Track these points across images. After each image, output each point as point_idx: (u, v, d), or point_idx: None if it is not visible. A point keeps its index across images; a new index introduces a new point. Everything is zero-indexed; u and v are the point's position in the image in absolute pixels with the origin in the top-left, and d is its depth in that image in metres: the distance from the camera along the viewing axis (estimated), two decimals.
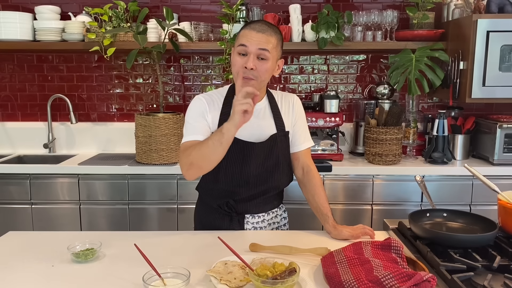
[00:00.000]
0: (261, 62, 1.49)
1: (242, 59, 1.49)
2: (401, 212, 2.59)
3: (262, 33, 1.48)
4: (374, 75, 3.14)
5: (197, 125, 1.57)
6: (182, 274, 1.16)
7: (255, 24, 1.51)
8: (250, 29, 1.50)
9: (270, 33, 1.50)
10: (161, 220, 2.64)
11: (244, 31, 1.51)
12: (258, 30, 1.49)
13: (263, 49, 1.47)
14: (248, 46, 1.47)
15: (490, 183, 1.48)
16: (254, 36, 1.48)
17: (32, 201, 2.64)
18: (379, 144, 2.66)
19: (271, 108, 1.66)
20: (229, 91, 1.64)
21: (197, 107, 1.60)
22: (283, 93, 1.74)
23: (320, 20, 2.71)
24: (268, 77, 1.55)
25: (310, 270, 1.28)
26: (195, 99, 1.63)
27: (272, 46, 1.49)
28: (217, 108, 1.60)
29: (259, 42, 1.47)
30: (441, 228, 1.47)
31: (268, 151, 1.61)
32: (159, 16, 2.94)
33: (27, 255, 1.40)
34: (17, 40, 2.79)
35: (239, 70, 1.50)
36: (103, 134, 3.15)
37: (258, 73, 1.49)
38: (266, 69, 1.50)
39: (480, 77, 2.54)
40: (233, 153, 1.55)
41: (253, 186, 1.62)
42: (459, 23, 2.66)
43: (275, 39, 1.51)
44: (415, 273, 1.06)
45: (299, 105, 1.73)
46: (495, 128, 2.66)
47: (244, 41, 1.48)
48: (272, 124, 1.64)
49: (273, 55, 1.51)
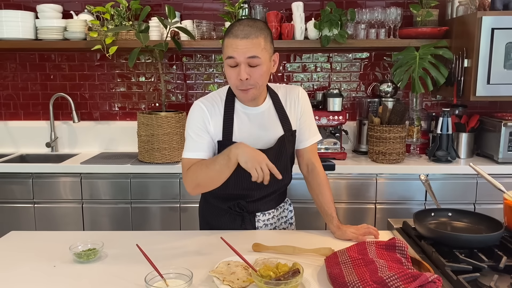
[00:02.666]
0: (254, 69, 1.43)
1: (235, 71, 1.43)
2: (404, 211, 2.58)
3: (247, 39, 1.39)
4: (377, 73, 3.12)
5: (199, 141, 1.53)
6: (184, 274, 1.15)
7: (237, 30, 1.41)
8: (234, 37, 1.41)
9: (255, 35, 1.40)
10: (163, 219, 2.64)
11: (228, 41, 1.43)
12: (242, 37, 1.39)
13: (252, 57, 1.40)
14: (236, 57, 1.41)
15: (496, 182, 1.46)
16: (240, 45, 1.39)
17: (34, 200, 2.64)
18: (383, 142, 2.64)
19: (275, 108, 1.60)
20: (228, 92, 1.58)
21: (198, 117, 1.54)
22: (287, 87, 1.67)
23: (323, 18, 2.69)
24: (267, 79, 1.51)
25: (313, 271, 1.27)
26: (195, 106, 1.56)
27: (261, 49, 1.41)
28: (218, 113, 1.55)
29: (246, 50, 1.39)
30: (446, 228, 1.45)
31: (278, 154, 1.57)
32: (161, 14, 2.93)
33: (29, 255, 1.39)
34: (19, 39, 2.78)
35: (235, 83, 1.46)
36: (106, 133, 3.14)
37: (254, 81, 1.44)
38: (261, 74, 1.44)
39: (484, 74, 2.52)
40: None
41: (264, 188, 1.57)
42: (464, 21, 2.64)
43: (262, 39, 1.42)
44: (421, 274, 1.05)
45: (304, 97, 1.65)
46: (500, 126, 2.64)
47: (231, 53, 1.41)
48: (278, 125, 1.59)
49: (265, 57, 1.43)
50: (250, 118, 1.57)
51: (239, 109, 1.57)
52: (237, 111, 1.56)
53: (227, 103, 1.56)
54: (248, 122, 1.56)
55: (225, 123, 1.54)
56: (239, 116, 1.56)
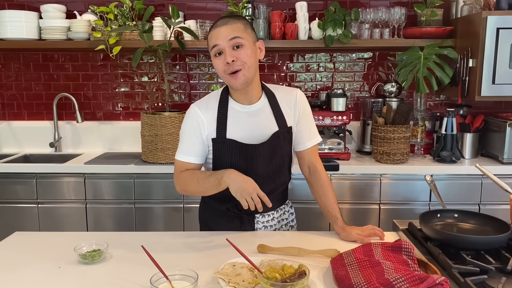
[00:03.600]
0: (239, 50, 1.47)
1: (221, 58, 1.48)
2: (409, 212, 2.57)
3: (226, 25, 1.48)
4: (381, 73, 3.11)
5: (190, 145, 1.57)
6: (189, 276, 1.15)
7: (217, 22, 1.51)
8: (214, 27, 1.50)
9: (233, 21, 1.49)
10: (167, 219, 2.63)
11: (211, 33, 1.51)
12: (221, 25, 1.48)
13: (234, 38, 1.46)
14: (219, 44, 1.47)
15: (503, 183, 1.46)
16: (221, 31, 1.47)
17: (38, 200, 2.64)
18: (387, 142, 2.63)
19: (270, 105, 1.60)
20: (223, 91, 1.61)
21: (192, 118, 1.58)
22: (285, 88, 1.68)
23: (327, 18, 2.68)
24: (255, 62, 1.52)
25: (319, 272, 1.26)
26: (190, 110, 1.60)
27: (241, 31, 1.48)
28: (212, 112, 1.57)
29: (227, 34, 1.46)
30: (452, 229, 1.44)
31: (273, 150, 1.57)
32: (164, 14, 2.92)
33: (34, 256, 1.39)
34: (23, 39, 2.78)
35: (223, 69, 1.49)
36: (109, 133, 3.14)
37: (241, 61, 1.47)
38: (247, 54, 1.47)
39: (489, 74, 2.51)
40: (237, 158, 1.54)
41: (261, 186, 1.58)
42: (468, 20, 2.62)
43: (241, 24, 1.49)
44: (428, 276, 1.04)
45: (302, 100, 1.65)
46: (505, 126, 2.63)
47: (214, 41, 1.48)
48: (272, 121, 1.59)
49: (247, 39, 1.48)
50: (244, 116, 1.57)
51: (234, 107, 1.58)
52: (231, 109, 1.58)
53: (221, 101, 1.59)
54: (242, 119, 1.57)
55: (218, 120, 1.56)
56: (233, 114, 1.57)
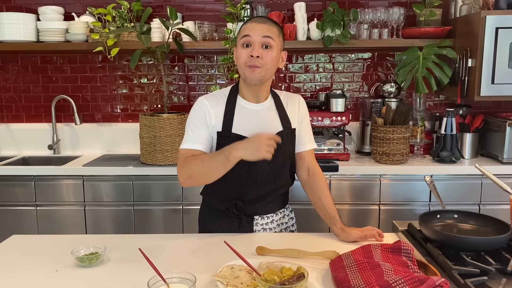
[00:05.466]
0: (266, 50, 1.50)
1: (247, 50, 1.50)
2: (409, 212, 2.56)
3: (264, 23, 1.51)
4: (380, 73, 3.10)
5: (197, 133, 1.56)
6: (187, 279, 1.14)
7: (256, 18, 1.56)
8: (252, 21, 1.53)
9: (271, 24, 1.53)
10: (166, 221, 2.63)
11: (246, 25, 1.54)
12: (259, 22, 1.52)
13: (267, 36, 1.49)
14: (251, 36, 1.49)
15: (503, 183, 1.45)
16: (257, 26, 1.50)
17: (36, 202, 2.63)
18: (386, 143, 2.62)
19: (276, 106, 1.64)
20: (232, 89, 1.63)
21: (199, 109, 1.58)
22: (287, 93, 1.73)
23: (325, 18, 2.67)
24: (274, 67, 1.55)
25: (318, 274, 1.25)
26: (198, 101, 1.61)
27: (275, 35, 1.52)
28: (220, 106, 1.58)
29: (262, 31, 1.50)
30: (452, 230, 1.43)
31: (276, 149, 1.57)
32: (163, 15, 2.92)
33: (31, 259, 1.38)
34: (21, 41, 2.78)
35: (245, 60, 1.50)
36: (108, 135, 3.13)
37: (265, 61, 1.50)
38: (272, 58, 1.51)
39: (488, 74, 2.50)
40: None
41: (261, 185, 1.59)
42: (467, 20, 2.62)
43: (276, 29, 1.54)
44: (427, 278, 1.03)
45: (304, 105, 1.72)
46: (504, 126, 2.62)
47: (247, 32, 1.50)
48: (277, 122, 1.62)
49: (277, 44, 1.52)
50: (251, 113, 1.59)
51: (241, 104, 1.60)
52: (238, 105, 1.60)
53: (229, 98, 1.61)
54: (249, 116, 1.59)
55: (226, 115, 1.57)
56: (240, 110, 1.59)
